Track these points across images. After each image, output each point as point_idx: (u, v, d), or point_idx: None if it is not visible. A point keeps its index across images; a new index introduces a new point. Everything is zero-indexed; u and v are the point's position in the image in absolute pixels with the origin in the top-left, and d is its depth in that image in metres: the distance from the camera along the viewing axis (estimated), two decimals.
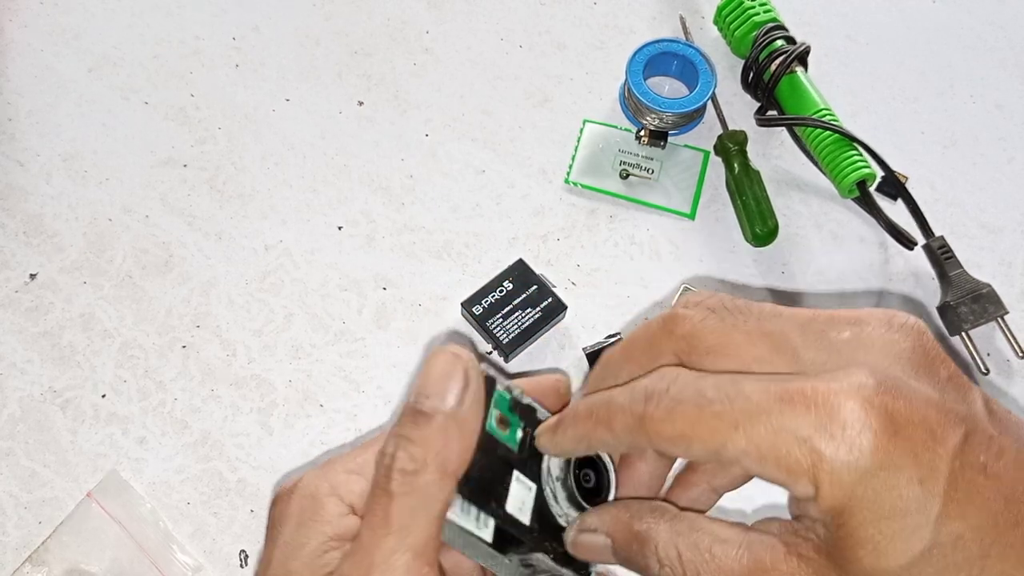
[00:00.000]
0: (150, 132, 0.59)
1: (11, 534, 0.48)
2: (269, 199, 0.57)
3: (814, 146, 0.56)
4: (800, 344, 0.26)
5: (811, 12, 0.63)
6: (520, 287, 0.52)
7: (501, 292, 0.52)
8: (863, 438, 0.24)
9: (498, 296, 0.52)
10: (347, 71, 0.61)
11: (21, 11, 0.63)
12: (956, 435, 0.24)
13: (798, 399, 0.24)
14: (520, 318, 0.51)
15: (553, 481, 0.31)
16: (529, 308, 0.51)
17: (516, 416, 0.30)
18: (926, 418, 0.24)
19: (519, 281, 0.52)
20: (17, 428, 0.51)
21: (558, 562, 0.30)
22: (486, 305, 0.52)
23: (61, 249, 0.55)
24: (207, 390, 0.52)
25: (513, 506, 0.30)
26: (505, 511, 0.30)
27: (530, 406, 0.31)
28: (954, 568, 0.24)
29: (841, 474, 0.24)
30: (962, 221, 0.56)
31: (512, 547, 0.30)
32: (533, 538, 0.30)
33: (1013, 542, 0.24)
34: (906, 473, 0.24)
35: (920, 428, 0.24)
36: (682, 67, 0.59)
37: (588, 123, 0.59)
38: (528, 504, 0.30)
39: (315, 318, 0.53)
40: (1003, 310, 0.52)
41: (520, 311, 0.51)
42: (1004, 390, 0.52)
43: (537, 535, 0.30)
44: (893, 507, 0.24)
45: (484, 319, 0.51)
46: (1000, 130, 0.60)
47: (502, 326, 0.51)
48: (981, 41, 0.63)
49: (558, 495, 0.31)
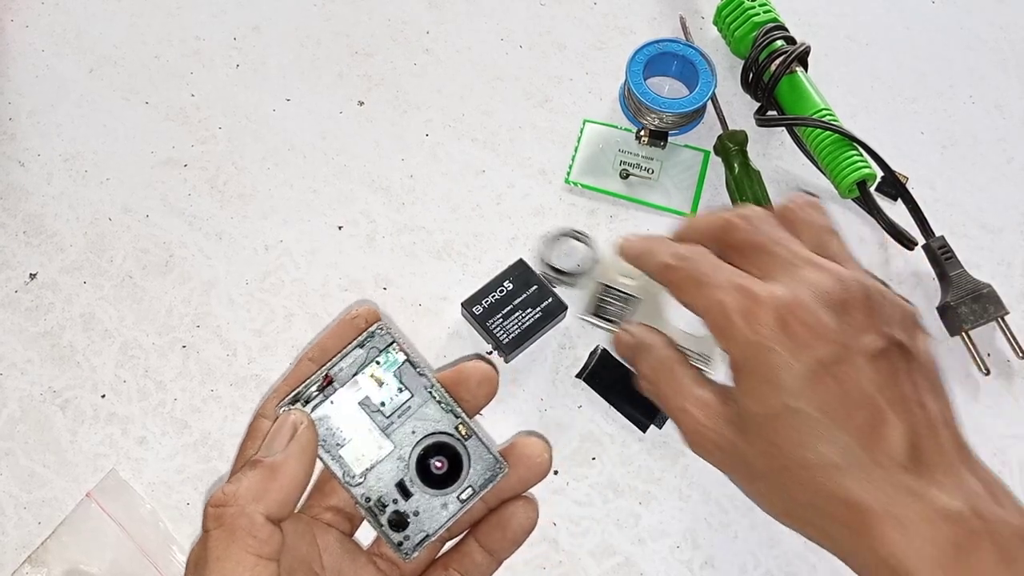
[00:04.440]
0: (151, 132, 0.59)
1: (10, 534, 0.48)
2: (269, 199, 0.57)
3: (814, 146, 0.56)
4: (780, 267, 0.39)
5: (811, 12, 0.63)
6: (520, 287, 0.52)
7: (501, 292, 0.52)
8: (761, 324, 0.37)
9: (498, 296, 0.52)
10: (347, 71, 0.61)
11: (22, 11, 0.63)
12: (827, 350, 0.36)
13: (742, 290, 0.38)
14: (520, 318, 0.51)
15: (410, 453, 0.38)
16: (529, 308, 0.51)
17: (398, 380, 0.38)
18: (812, 330, 0.37)
19: (519, 281, 0.52)
20: (17, 428, 0.51)
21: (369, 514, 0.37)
22: (486, 305, 0.52)
23: (61, 249, 0.55)
24: (207, 390, 0.52)
25: (351, 453, 0.37)
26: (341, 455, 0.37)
27: (423, 379, 0.38)
28: (799, 425, 0.36)
29: (740, 340, 0.37)
30: (962, 221, 0.56)
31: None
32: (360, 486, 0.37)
33: (847, 425, 0.36)
34: (783, 357, 0.36)
35: (803, 334, 0.37)
36: (682, 67, 0.59)
37: (588, 123, 0.59)
38: (371, 458, 0.37)
39: (315, 318, 0.53)
40: (1003, 310, 0.52)
41: (520, 311, 0.51)
42: (1004, 390, 0.52)
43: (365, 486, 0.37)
44: (768, 373, 0.37)
45: (484, 319, 0.51)
46: (1000, 130, 0.60)
47: (502, 326, 0.51)
48: (981, 41, 0.63)
49: (411, 465, 0.38)
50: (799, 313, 0.37)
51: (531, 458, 0.39)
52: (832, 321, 0.37)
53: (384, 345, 0.38)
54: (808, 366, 0.36)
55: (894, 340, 0.39)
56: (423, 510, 0.37)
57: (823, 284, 0.38)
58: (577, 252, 0.54)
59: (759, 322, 0.37)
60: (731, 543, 0.48)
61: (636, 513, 0.49)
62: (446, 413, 0.38)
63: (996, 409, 0.51)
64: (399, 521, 0.37)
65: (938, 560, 0.34)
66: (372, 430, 0.37)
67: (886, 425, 0.36)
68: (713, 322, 0.39)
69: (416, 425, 0.37)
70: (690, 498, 0.49)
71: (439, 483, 0.37)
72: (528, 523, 0.39)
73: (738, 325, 0.37)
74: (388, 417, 0.37)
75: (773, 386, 0.37)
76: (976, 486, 0.37)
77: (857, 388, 0.36)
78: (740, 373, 0.38)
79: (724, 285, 0.39)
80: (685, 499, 0.49)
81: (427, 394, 0.38)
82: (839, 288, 0.38)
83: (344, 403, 0.37)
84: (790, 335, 0.37)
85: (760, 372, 0.37)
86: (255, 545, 0.32)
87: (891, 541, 0.35)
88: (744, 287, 0.38)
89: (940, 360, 0.53)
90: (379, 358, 0.37)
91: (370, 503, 0.37)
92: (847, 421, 0.36)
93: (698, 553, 0.48)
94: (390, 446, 0.37)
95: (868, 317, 0.38)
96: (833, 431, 0.36)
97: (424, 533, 0.37)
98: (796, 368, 0.36)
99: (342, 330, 0.39)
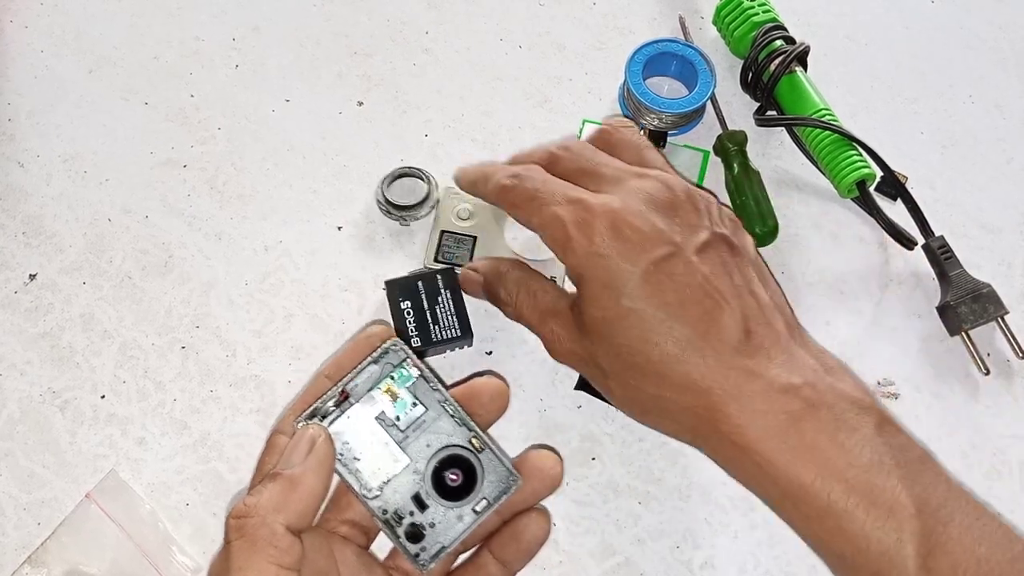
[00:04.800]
0: (150, 133, 0.59)
1: (10, 535, 0.48)
2: (269, 199, 0.57)
3: (813, 146, 0.56)
4: (608, 183, 0.42)
5: (810, 12, 0.63)
6: (442, 295, 0.51)
7: (429, 289, 0.51)
8: (596, 234, 0.39)
9: (424, 292, 0.51)
10: (347, 71, 0.61)
11: (21, 11, 0.63)
12: (660, 250, 0.39)
13: (577, 202, 0.40)
14: (434, 326, 0.50)
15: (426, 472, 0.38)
16: (442, 321, 0.50)
17: (412, 395, 0.38)
18: (643, 234, 0.39)
19: (448, 287, 0.51)
20: (16, 429, 0.51)
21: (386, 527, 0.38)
22: (410, 296, 0.50)
23: (61, 250, 0.55)
24: (207, 391, 0.52)
25: (367, 467, 0.38)
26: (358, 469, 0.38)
27: (437, 393, 0.38)
28: (639, 324, 0.38)
29: (578, 251, 0.40)
30: (962, 221, 0.56)
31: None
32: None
33: (684, 317, 0.38)
34: (619, 262, 0.39)
35: (636, 238, 0.39)
36: (681, 67, 0.59)
37: (588, 123, 0.59)
38: (387, 472, 0.38)
39: (315, 318, 0.53)
40: (1003, 310, 0.52)
41: (435, 319, 0.50)
42: (1004, 390, 0.52)
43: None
44: (606, 279, 0.39)
45: (400, 310, 0.50)
46: (999, 130, 0.60)
47: (416, 323, 0.50)
48: (981, 41, 0.63)
49: (427, 478, 0.38)
50: (631, 219, 0.39)
51: (543, 471, 0.40)
52: (662, 222, 0.40)
53: (398, 361, 0.38)
54: (643, 268, 0.39)
55: (720, 235, 0.41)
56: (439, 522, 0.37)
57: (650, 189, 0.41)
58: (418, 189, 0.56)
59: (594, 232, 0.39)
60: (731, 543, 0.48)
61: (636, 513, 0.49)
62: (460, 427, 0.38)
63: (996, 409, 0.51)
64: (416, 533, 0.37)
65: (775, 430, 0.37)
66: (388, 444, 0.38)
67: (720, 312, 0.39)
68: (551, 236, 0.41)
69: (431, 439, 0.38)
70: (690, 498, 0.49)
71: (454, 495, 0.38)
72: (541, 534, 0.40)
73: (575, 237, 0.40)
74: (403, 431, 0.38)
75: (612, 291, 0.39)
76: (809, 361, 0.39)
77: (691, 282, 0.39)
78: (581, 282, 0.40)
79: (559, 199, 0.41)
80: (685, 499, 0.49)
81: (441, 408, 0.38)
82: (665, 191, 0.41)
83: (360, 418, 0.37)
84: (624, 240, 0.39)
85: (599, 279, 0.39)
86: (276, 555, 0.33)
87: (732, 418, 0.37)
88: (578, 199, 0.41)
89: (941, 360, 0.53)
90: (393, 373, 0.38)
91: (387, 516, 0.37)
92: (684, 314, 0.38)
93: (698, 553, 0.48)
94: (406, 459, 0.37)
95: (694, 215, 0.41)
96: (671, 325, 0.38)
97: (440, 545, 0.37)
98: (632, 271, 0.39)
99: (357, 348, 0.39)
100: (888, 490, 0.36)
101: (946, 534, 0.35)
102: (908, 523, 0.35)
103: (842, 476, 0.36)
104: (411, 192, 0.56)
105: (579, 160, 0.44)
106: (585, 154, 0.44)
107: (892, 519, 0.35)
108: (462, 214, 0.53)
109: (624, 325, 0.39)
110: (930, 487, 0.36)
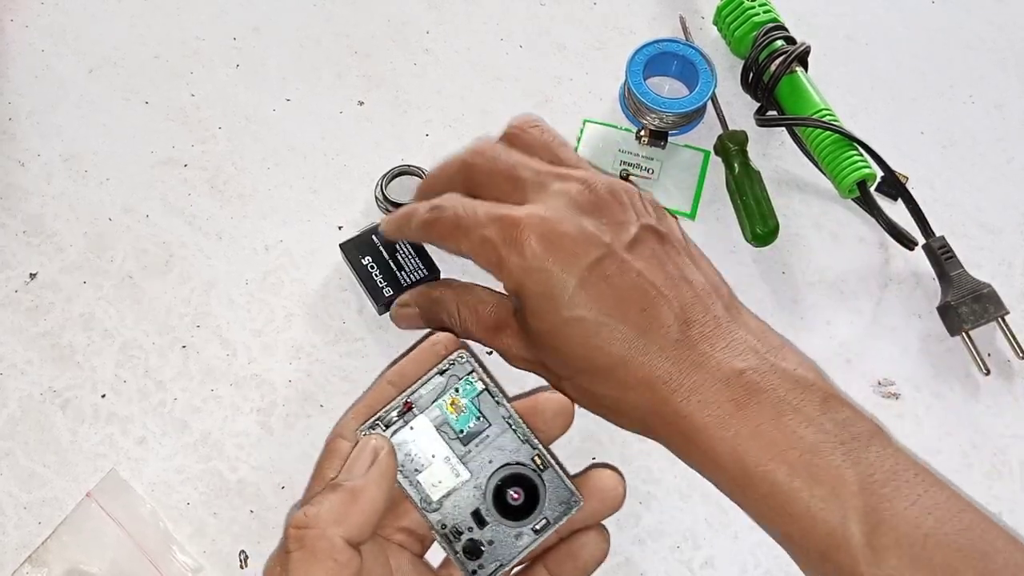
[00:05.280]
0: (150, 132, 0.59)
1: (10, 534, 0.48)
2: (269, 199, 0.57)
3: (814, 146, 0.56)
4: (530, 189, 0.41)
5: (811, 12, 0.63)
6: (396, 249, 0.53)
7: (383, 247, 0.53)
8: (527, 248, 0.39)
9: (381, 249, 0.53)
10: (347, 71, 0.61)
11: (21, 11, 0.63)
12: (593, 254, 0.38)
13: (502, 220, 0.40)
14: (400, 275, 0.52)
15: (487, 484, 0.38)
16: (405, 269, 0.52)
17: (476, 408, 0.38)
18: (574, 240, 0.39)
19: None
20: (17, 428, 0.51)
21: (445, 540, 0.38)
22: (369, 254, 0.53)
23: (61, 249, 0.55)
24: (207, 390, 0.52)
25: (428, 480, 0.37)
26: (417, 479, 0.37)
27: (501, 408, 0.38)
28: (582, 332, 0.38)
29: (512, 269, 0.39)
30: (962, 221, 0.56)
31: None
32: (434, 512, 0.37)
33: (625, 318, 0.38)
34: (553, 272, 0.38)
35: (567, 246, 0.39)
36: (682, 67, 0.59)
37: (588, 123, 0.59)
38: (448, 485, 0.37)
39: (315, 318, 0.53)
40: (1003, 310, 0.52)
41: (398, 269, 0.52)
42: (1004, 390, 0.52)
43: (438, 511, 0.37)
44: (544, 291, 0.39)
45: (363, 269, 0.52)
46: (999, 130, 0.60)
47: (382, 279, 0.52)
48: (981, 41, 0.63)
49: (488, 495, 0.38)
50: (559, 227, 0.39)
51: (605, 491, 0.39)
52: (591, 225, 0.39)
53: (464, 373, 0.38)
54: (579, 275, 0.38)
55: (647, 226, 0.41)
56: (497, 540, 0.37)
57: (573, 193, 0.40)
58: (416, 188, 0.55)
59: (524, 246, 0.39)
60: (731, 543, 0.48)
61: (636, 513, 0.49)
62: (523, 443, 0.38)
63: (996, 409, 0.51)
64: (474, 549, 0.37)
65: (720, 419, 0.37)
66: (450, 458, 0.37)
67: (658, 308, 0.39)
68: (484, 259, 0.41)
69: (493, 455, 0.38)
70: (690, 498, 0.49)
71: (515, 514, 0.37)
72: (600, 554, 0.39)
73: (506, 256, 0.39)
74: (466, 445, 0.37)
75: (551, 301, 0.39)
76: (752, 343, 0.39)
77: (626, 281, 0.39)
78: (520, 297, 0.40)
79: (483, 221, 0.40)
80: (685, 499, 0.49)
81: (504, 424, 0.38)
82: (588, 192, 0.40)
83: (423, 430, 0.37)
84: (556, 250, 0.39)
85: (537, 292, 0.39)
86: (335, 568, 0.33)
87: (679, 411, 0.37)
88: (503, 216, 0.40)
89: (941, 360, 0.53)
90: (458, 386, 0.38)
91: (445, 530, 0.37)
92: (623, 314, 0.38)
93: (698, 553, 0.48)
94: (467, 474, 0.37)
95: (620, 211, 0.41)
96: (613, 327, 0.38)
97: (498, 563, 0.37)
98: (568, 280, 0.38)
99: (422, 356, 0.39)
100: (831, 468, 0.36)
101: (891, 509, 0.35)
102: (851, 500, 0.35)
103: (784, 458, 0.36)
104: (410, 190, 0.56)
105: (495, 164, 0.43)
106: (500, 157, 0.43)
107: (835, 498, 0.35)
108: None
109: (567, 333, 0.39)
110: (876, 462, 0.36)
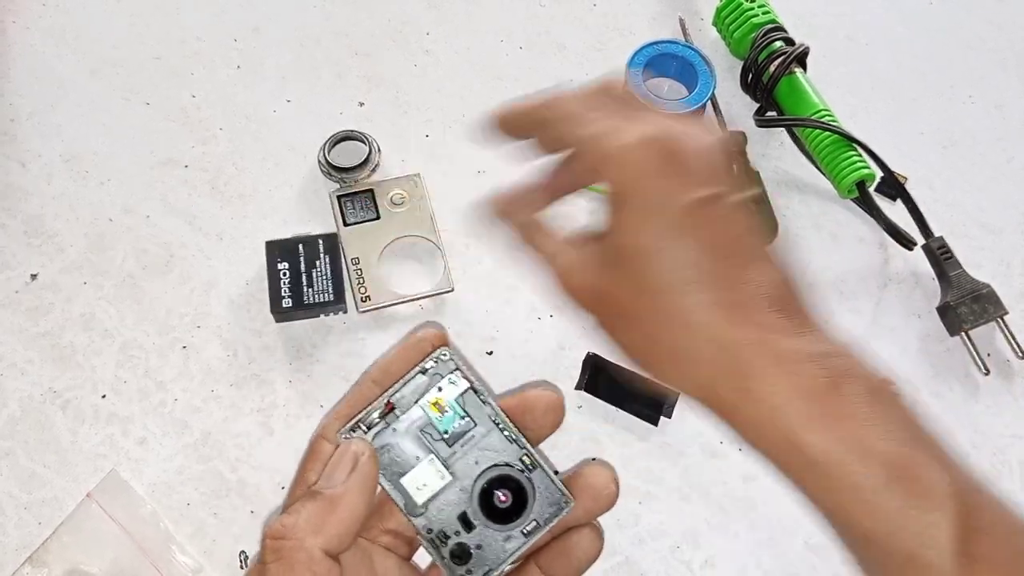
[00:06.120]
0: (151, 133, 0.59)
1: (11, 535, 0.48)
2: (269, 199, 0.57)
3: (813, 147, 0.56)
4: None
5: (810, 13, 0.63)
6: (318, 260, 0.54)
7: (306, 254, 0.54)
8: (653, 153, 0.36)
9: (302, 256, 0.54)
10: (347, 72, 0.61)
11: (22, 12, 0.63)
12: (707, 190, 0.36)
13: (633, 119, 0.37)
14: (309, 289, 0.53)
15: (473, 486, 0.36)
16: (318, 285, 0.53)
17: (461, 408, 0.36)
18: (698, 168, 0.36)
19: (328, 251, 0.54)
20: (17, 428, 0.51)
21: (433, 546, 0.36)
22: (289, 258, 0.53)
23: (62, 249, 0.55)
24: (207, 390, 0.52)
25: (412, 483, 0.36)
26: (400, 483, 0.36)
27: (487, 407, 0.36)
28: (673, 263, 0.35)
29: (627, 169, 0.36)
30: (961, 221, 0.57)
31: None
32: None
33: (722, 267, 0.35)
34: (668, 188, 0.35)
35: (693, 168, 0.36)
36: (681, 68, 0.59)
37: None
38: (433, 488, 0.36)
39: (315, 318, 0.53)
40: (1003, 310, 0.52)
41: (312, 281, 0.53)
42: (1004, 390, 0.52)
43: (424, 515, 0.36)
44: (652, 205, 0.35)
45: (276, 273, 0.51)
46: (999, 130, 0.60)
47: (288, 286, 0.52)
48: (981, 41, 0.63)
49: (474, 497, 0.36)
50: (688, 149, 0.36)
51: (597, 489, 0.37)
52: (713, 162, 0.37)
53: (447, 372, 0.36)
54: (690, 202, 0.35)
55: (746, 198, 0.38)
56: (486, 543, 0.36)
57: (698, 133, 0.38)
58: (359, 152, 0.56)
59: (652, 149, 0.36)
60: (731, 543, 0.48)
61: (636, 513, 0.49)
62: (510, 443, 0.36)
63: (996, 409, 0.52)
64: (461, 554, 0.36)
65: (806, 396, 0.34)
66: (434, 460, 0.36)
67: (757, 270, 0.36)
68: (599, 147, 0.37)
69: (479, 455, 0.36)
70: (690, 498, 0.49)
71: (503, 517, 0.36)
72: (593, 551, 0.38)
73: (628, 151, 0.36)
74: (451, 446, 0.36)
75: (654, 216, 0.35)
76: (837, 337, 0.36)
77: (734, 230, 0.36)
78: (620, 202, 0.36)
79: (612, 115, 0.38)
80: (685, 499, 0.49)
81: (491, 423, 0.36)
82: (708, 139, 0.38)
83: (406, 431, 0.36)
84: (677, 168, 0.36)
85: (643, 204, 0.36)
86: None
87: (759, 378, 0.34)
88: (636, 116, 0.37)
89: (940, 360, 0.53)
90: (441, 385, 0.36)
91: (431, 534, 0.36)
92: (724, 261, 0.35)
93: (698, 553, 0.48)
94: (452, 476, 0.36)
95: (727, 173, 0.38)
96: (706, 272, 0.35)
97: (487, 567, 0.36)
98: (679, 202, 0.35)
99: (407, 353, 0.37)
100: (924, 466, 0.33)
101: (983, 519, 0.33)
102: (946, 503, 0.32)
103: (876, 450, 0.33)
104: (353, 155, 0.56)
105: (619, 95, 0.40)
106: (623, 93, 0.40)
107: (929, 498, 0.33)
108: (396, 199, 0.55)
109: (660, 259, 0.35)
110: (964, 470, 0.34)
